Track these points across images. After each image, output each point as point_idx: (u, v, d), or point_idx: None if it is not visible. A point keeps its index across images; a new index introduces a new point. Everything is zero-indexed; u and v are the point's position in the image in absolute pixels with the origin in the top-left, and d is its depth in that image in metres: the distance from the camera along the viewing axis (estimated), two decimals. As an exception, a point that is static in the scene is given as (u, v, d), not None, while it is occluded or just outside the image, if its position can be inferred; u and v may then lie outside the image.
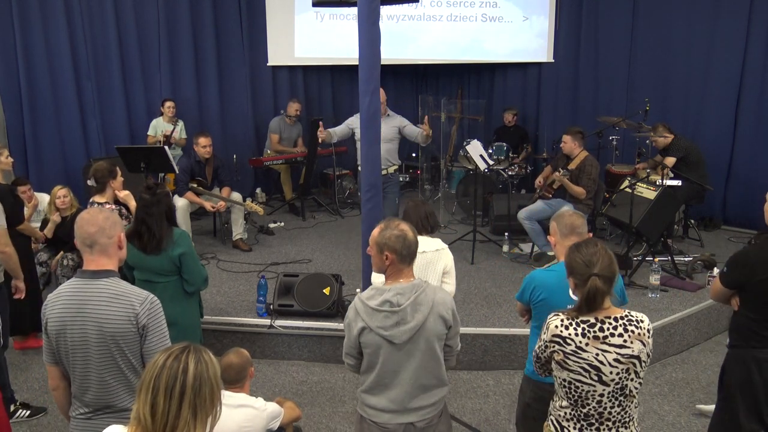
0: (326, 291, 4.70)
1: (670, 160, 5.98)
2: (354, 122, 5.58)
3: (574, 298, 2.62)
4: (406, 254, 2.40)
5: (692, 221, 6.56)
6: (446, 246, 3.37)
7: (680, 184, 5.69)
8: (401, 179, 7.28)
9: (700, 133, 7.00)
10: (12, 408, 3.86)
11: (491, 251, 6.18)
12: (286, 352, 4.68)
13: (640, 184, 5.54)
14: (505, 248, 6.14)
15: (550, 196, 5.83)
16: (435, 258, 3.29)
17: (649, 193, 5.45)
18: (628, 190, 5.39)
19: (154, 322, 2.21)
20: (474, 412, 4.02)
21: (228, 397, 2.62)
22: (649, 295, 5.04)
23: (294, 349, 4.67)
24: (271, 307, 4.74)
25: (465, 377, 4.40)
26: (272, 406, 2.81)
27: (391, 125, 5.47)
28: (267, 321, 4.66)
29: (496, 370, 4.47)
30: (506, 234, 6.19)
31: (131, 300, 2.19)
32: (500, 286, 5.31)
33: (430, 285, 2.45)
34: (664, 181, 5.47)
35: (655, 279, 5.03)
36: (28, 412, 3.92)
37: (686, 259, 5.71)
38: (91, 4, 7.04)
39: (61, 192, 5.17)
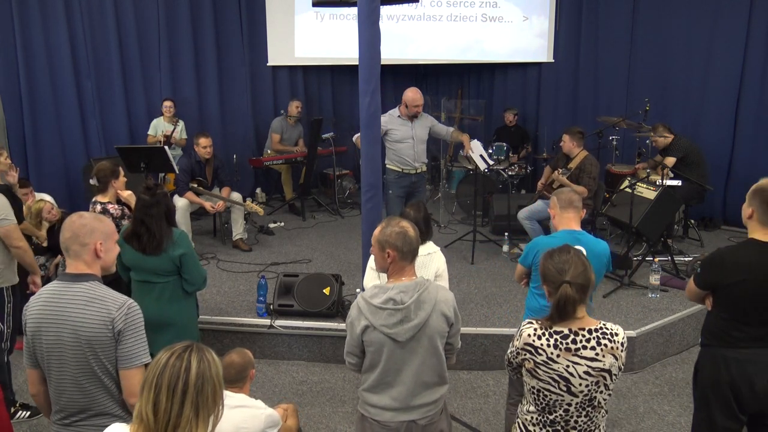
0: (326, 291, 4.70)
1: (670, 160, 5.99)
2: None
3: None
4: (407, 251, 2.41)
5: (692, 221, 6.56)
6: (438, 249, 3.37)
7: (680, 184, 5.69)
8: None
9: (700, 133, 7.00)
10: (12, 409, 3.86)
11: (491, 251, 6.18)
12: (286, 352, 4.68)
13: (640, 184, 5.54)
14: (505, 248, 6.14)
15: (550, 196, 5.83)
16: (427, 261, 3.28)
17: (649, 193, 5.46)
18: (628, 190, 5.39)
19: (130, 327, 2.15)
20: (474, 412, 4.02)
21: (227, 397, 2.62)
22: (649, 295, 5.04)
23: (294, 349, 4.67)
24: (271, 307, 4.74)
25: (465, 377, 4.40)
26: (273, 411, 2.77)
27: (425, 125, 5.49)
28: (267, 321, 4.66)
29: (496, 370, 4.47)
30: (506, 234, 6.20)
31: (107, 304, 2.14)
32: (500, 286, 5.31)
33: (433, 283, 2.46)
34: (664, 181, 5.48)
35: (655, 279, 5.03)
36: (29, 412, 3.92)
37: (686, 259, 5.71)
38: (91, 4, 7.05)
39: (47, 207, 5.15)
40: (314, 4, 4.82)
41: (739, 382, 2.64)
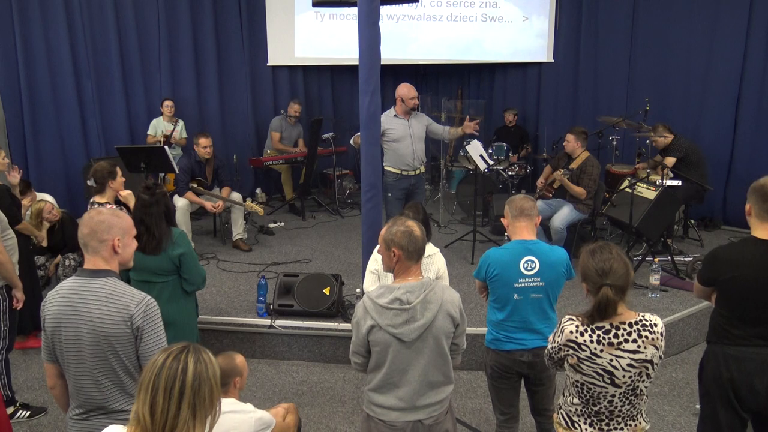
0: (326, 291, 4.70)
1: (670, 160, 5.98)
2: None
3: (525, 272, 2.90)
4: (413, 250, 2.41)
5: (692, 221, 6.56)
6: (438, 251, 3.38)
7: (680, 184, 5.69)
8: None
9: (700, 133, 6.99)
10: (12, 409, 3.85)
11: (491, 251, 6.17)
12: (286, 352, 4.68)
13: (640, 184, 5.54)
14: (505, 248, 6.12)
15: (551, 195, 5.83)
16: (427, 264, 3.29)
17: (649, 193, 5.45)
18: (628, 190, 5.39)
19: (149, 324, 2.17)
20: (474, 412, 4.02)
21: None
22: (649, 295, 5.04)
23: (294, 349, 4.68)
24: (271, 307, 4.74)
25: (465, 377, 4.40)
26: (263, 413, 2.69)
27: (422, 123, 5.49)
28: (267, 321, 4.66)
29: (496, 370, 4.46)
30: (506, 234, 6.18)
31: (126, 301, 2.16)
32: (500, 286, 5.30)
33: (439, 283, 2.46)
34: (664, 181, 5.47)
35: (655, 279, 5.03)
36: (29, 412, 3.92)
37: (686, 259, 5.70)
38: (91, 4, 7.05)
39: (48, 207, 5.15)
40: (314, 4, 4.82)
41: (738, 381, 2.65)
